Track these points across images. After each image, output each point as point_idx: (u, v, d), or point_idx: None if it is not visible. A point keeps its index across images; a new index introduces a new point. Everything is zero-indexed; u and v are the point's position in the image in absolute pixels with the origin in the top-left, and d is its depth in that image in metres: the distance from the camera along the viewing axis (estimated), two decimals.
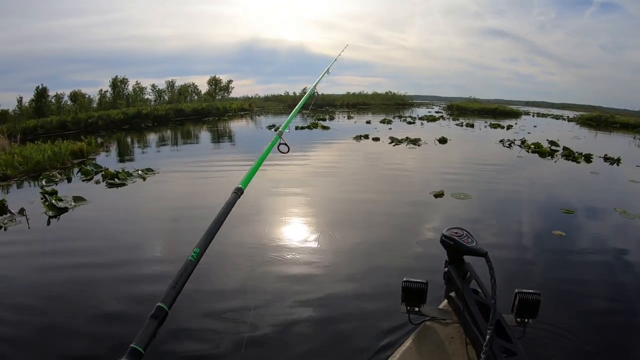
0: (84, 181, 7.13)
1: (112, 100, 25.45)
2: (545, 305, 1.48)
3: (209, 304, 2.99)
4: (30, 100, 21.39)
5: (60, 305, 3.07)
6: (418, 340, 1.34)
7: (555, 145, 11.51)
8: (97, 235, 4.56)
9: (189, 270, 0.83)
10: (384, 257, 3.86)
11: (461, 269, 1.37)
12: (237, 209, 4.21)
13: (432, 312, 1.44)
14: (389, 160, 9.19)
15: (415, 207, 5.45)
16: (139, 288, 3.31)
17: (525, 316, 1.32)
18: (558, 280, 3.42)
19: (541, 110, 39.50)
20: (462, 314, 1.28)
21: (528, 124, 21.03)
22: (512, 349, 1.10)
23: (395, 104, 38.55)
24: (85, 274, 3.60)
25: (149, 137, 15.90)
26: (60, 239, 4.50)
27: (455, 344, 1.28)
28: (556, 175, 8.26)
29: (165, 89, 30.74)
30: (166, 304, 0.74)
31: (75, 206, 5.48)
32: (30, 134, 15.76)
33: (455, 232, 1.39)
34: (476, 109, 30.91)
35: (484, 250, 1.28)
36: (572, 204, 5.66)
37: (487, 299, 1.25)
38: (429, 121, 20.67)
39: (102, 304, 3.04)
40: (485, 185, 6.78)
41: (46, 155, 8.46)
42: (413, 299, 1.38)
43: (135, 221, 5.11)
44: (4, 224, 4.95)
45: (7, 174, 7.67)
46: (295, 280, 3.38)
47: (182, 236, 4.50)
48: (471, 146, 11.99)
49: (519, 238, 4.39)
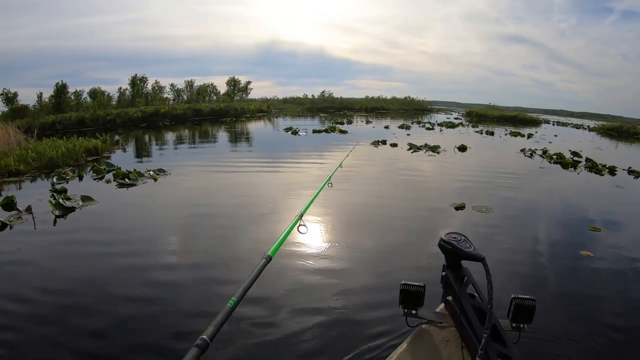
0: (95, 180, 6.99)
1: (131, 98, 25.68)
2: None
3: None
4: (50, 96, 21.73)
5: (58, 313, 2.89)
6: (414, 342, 1.35)
7: (577, 156, 11.24)
8: (100, 239, 4.34)
9: (226, 314, 0.91)
10: (398, 268, 3.64)
11: (458, 274, 1.39)
12: (253, 210, 5.20)
13: (429, 315, 1.43)
14: (407, 168, 8.85)
15: (433, 220, 5.11)
16: (140, 296, 3.11)
17: (521, 321, 1.31)
18: (594, 313, 3.07)
19: (560, 118, 38.95)
20: (459, 318, 1.30)
21: (548, 132, 20.65)
22: (507, 354, 1.10)
23: (414, 109, 38.32)
24: (85, 280, 3.40)
25: (165, 136, 15.90)
26: (65, 242, 4.31)
27: (451, 347, 1.30)
28: (580, 188, 7.86)
29: (184, 89, 30.98)
30: (209, 336, 0.82)
31: (83, 206, 5.31)
32: (49, 129, 15.94)
33: (454, 237, 1.40)
34: (495, 116, 30.61)
35: (482, 256, 1.29)
36: (598, 220, 5.28)
37: (484, 303, 1.26)
38: (448, 127, 20.36)
39: (99, 316, 2.83)
40: (507, 198, 6.40)
41: (60, 152, 8.39)
42: (410, 302, 1.39)
43: (140, 225, 4.88)
44: (10, 222, 4.80)
45: (19, 169, 7.62)
46: (308, 282, 3.38)
47: (188, 242, 4.27)
48: (492, 155, 11.59)
49: (546, 259, 4.01)
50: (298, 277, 3.43)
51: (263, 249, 1.27)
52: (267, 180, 7.23)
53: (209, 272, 3.57)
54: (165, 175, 7.24)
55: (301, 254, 3.82)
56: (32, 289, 3.20)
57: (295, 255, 3.78)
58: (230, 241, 4.29)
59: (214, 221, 4.91)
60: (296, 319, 2.79)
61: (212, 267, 3.66)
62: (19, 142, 10.30)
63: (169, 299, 3.07)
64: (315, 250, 3.96)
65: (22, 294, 3.14)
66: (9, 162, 7.74)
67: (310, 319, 2.80)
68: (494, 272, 1.26)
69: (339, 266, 3.65)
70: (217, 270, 3.59)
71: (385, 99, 40.21)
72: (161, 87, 28.84)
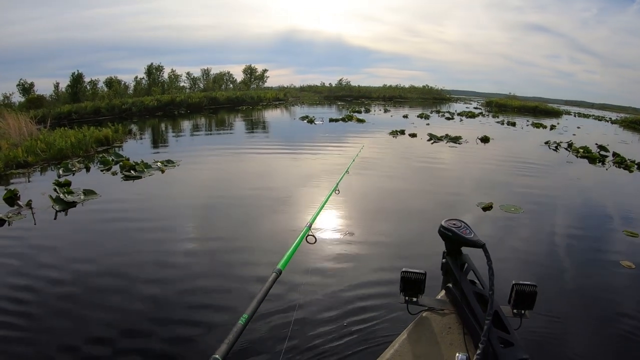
0: (102, 171, 6.76)
1: (147, 87, 25.59)
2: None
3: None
4: (66, 86, 21.76)
5: (47, 320, 2.69)
6: (416, 329, 1.32)
7: (604, 150, 10.79)
8: (95, 237, 4.09)
9: (239, 331, 0.90)
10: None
11: (459, 260, 1.38)
12: (270, 200, 5.13)
13: (430, 302, 1.41)
14: (427, 160, 8.35)
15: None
16: (131, 304, 2.87)
17: (522, 307, 1.29)
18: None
19: (581, 110, 38.24)
20: (460, 305, 1.29)
21: (571, 124, 20.12)
22: (509, 340, 1.08)
23: (433, 98, 37.51)
24: (79, 281, 3.19)
25: (180, 125, 15.72)
26: (62, 238, 4.09)
27: (453, 334, 1.27)
28: (611, 186, 7.31)
29: (201, 77, 30.76)
30: (221, 355, 0.81)
31: (85, 200, 5.07)
32: (65, 119, 15.93)
33: (454, 223, 1.38)
34: (516, 106, 29.93)
35: (482, 242, 1.28)
36: (635, 223, 4.81)
37: (485, 290, 1.25)
38: (468, 117, 19.79)
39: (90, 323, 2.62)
40: (535, 196, 5.91)
41: (69, 143, 8.20)
42: (411, 289, 1.37)
43: (140, 221, 4.56)
44: (9, 218, 4.59)
45: (28, 160, 7.46)
46: (326, 269, 3.40)
47: (188, 245, 3.96)
48: (515, 147, 10.98)
49: (585, 271, 3.59)
50: (314, 259, 3.37)
51: (271, 260, 1.20)
52: (276, 172, 6.88)
53: (209, 282, 3.25)
54: (174, 166, 6.96)
55: (310, 264, 3.47)
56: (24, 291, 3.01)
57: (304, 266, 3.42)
58: (234, 248, 3.93)
59: (216, 219, 4.62)
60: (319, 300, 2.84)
61: (212, 277, 3.34)
62: (30, 132, 10.18)
63: (165, 306, 2.77)
64: (325, 259, 3.60)
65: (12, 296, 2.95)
66: (18, 153, 7.59)
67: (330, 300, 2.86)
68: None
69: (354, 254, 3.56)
70: (218, 281, 3.28)
71: (404, 88, 39.27)
72: (177, 75, 28.64)
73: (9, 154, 7.53)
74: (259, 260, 3.53)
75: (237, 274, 3.33)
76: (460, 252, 1.40)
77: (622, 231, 4.53)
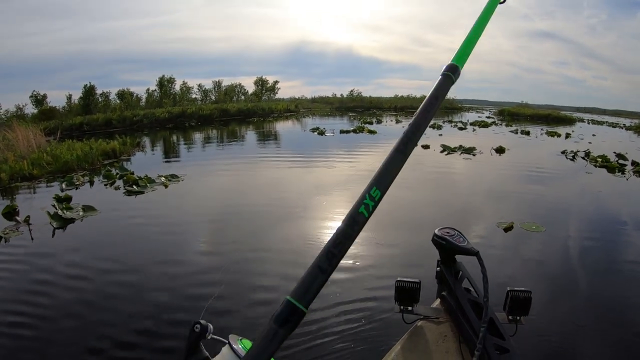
0: (105, 186, 6.60)
1: (158, 99, 25.78)
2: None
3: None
4: (79, 97, 22.01)
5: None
6: (412, 338, 1.27)
7: (622, 159, 10.25)
8: (89, 258, 3.84)
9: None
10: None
11: (453, 268, 1.34)
12: (283, 208, 5.36)
13: (425, 311, 1.35)
14: (441, 173, 8.02)
15: (480, 247, 4.16)
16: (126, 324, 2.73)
17: (518, 314, 1.24)
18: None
19: (594, 116, 37.60)
20: (455, 313, 1.26)
21: (585, 132, 19.53)
22: (505, 346, 1.06)
23: (444, 107, 37.07)
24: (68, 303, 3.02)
25: (190, 137, 15.66)
26: (56, 257, 3.88)
27: (449, 342, 1.23)
28: (635, 199, 6.80)
29: (212, 89, 30.94)
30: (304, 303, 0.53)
31: (84, 217, 4.88)
32: (76, 130, 16.04)
33: (447, 231, 1.33)
34: (528, 114, 29.53)
35: (476, 250, 1.24)
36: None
37: (480, 297, 1.22)
38: (481, 127, 19.45)
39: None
40: (557, 211, 5.49)
41: (75, 155, 8.10)
42: (406, 299, 1.31)
43: (137, 240, 4.36)
44: (5, 235, 4.42)
45: (32, 173, 7.36)
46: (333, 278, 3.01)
47: (184, 267, 3.71)
48: (532, 158, 10.57)
49: (622, 306, 3.18)
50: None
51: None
52: (282, 188, 6.57)
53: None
54: (178, 181, 6.74)
55: None
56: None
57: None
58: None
59: (215, 239, 4.40)
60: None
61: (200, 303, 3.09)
62: (39, 144, 10.15)
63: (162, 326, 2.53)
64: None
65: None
66: (23, 165, 7.50)
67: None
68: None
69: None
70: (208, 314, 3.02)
71: (415, 98, 39.02)
72: (189, 87, 28.86)
73: (15, 166, 7.45)
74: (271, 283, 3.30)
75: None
76: (454, 260, 1.38)
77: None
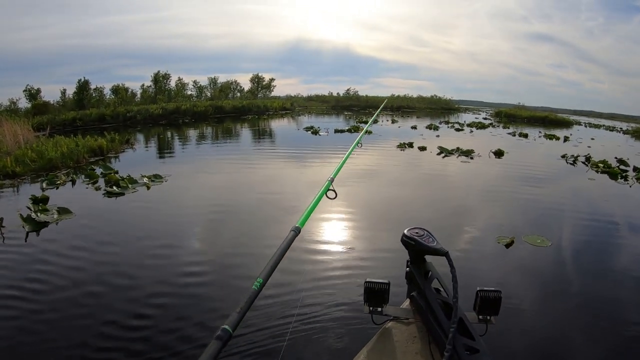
0: (87, 186, 6.38)
1: (153, 95, 25.49)
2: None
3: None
4: (73, 92, 21.70)
5: None
6: (381, 340, 1.30)
7: (624, 165, 10.20)
8: (58, 266, 3.64)
9: (252, 297, 0.82)
10: None
11: (422, 269, 1.37)
12: (276, 210, 5.26)
13: (394, 311, 1.38)
14: (438, 178, 7.86)
15: (477, 263, 3.88)
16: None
17: (488, 313, 1.27)
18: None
19: (590, 120, 37.72)
20: (425, 313, 1.29)
21: (583, 135, 19.48)
22: (475, 346, 1.07)
23: (441, 108, 37.01)
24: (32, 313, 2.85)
25: (182, 134, 15.44)
26: (24, 264, 3.68)
27: (418, 343, 1.26)
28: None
29: (207, 86, 30.65)
30: (231, 326, 0.72)
31: (58, 220, 4.68)
32: (69, 125, 15.80)
33: (416, 232, 1.37)
34: (525, 116, 29.51)
35: (445, 250, 1.28)
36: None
37: (449, 297, 1.25)
38: (479, 128, 19.36)
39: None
40: (562, 223, 5.27)
41: (60, 152, 7.87)
42: (375, 300, 1.35)
43: (109, 245, 4.15)
44: None
45: (15, 171, 7.14)
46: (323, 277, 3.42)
47: (153, 275, 3.51)
48: (531, 162, 10.38)
49: (614, 307, 3.11)
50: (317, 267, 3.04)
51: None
52: (263, 197, 6.25)
53: (173, 325, 2.81)
54: (161, 182, 6.53)
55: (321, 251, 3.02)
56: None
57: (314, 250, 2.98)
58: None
59: (191, 247, 4.24)
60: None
61: (172, 320, 2.90)
62: (27, 140, 9.91)
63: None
64: (317, 271, 3.16)
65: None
66: (7, 162, 7.27)
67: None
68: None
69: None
70: (186, 320, 2.83)
71: (412, 98, 38.82)
72: (184, 84, 28.56)
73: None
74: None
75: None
76: (424, 260, 1.39)
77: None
